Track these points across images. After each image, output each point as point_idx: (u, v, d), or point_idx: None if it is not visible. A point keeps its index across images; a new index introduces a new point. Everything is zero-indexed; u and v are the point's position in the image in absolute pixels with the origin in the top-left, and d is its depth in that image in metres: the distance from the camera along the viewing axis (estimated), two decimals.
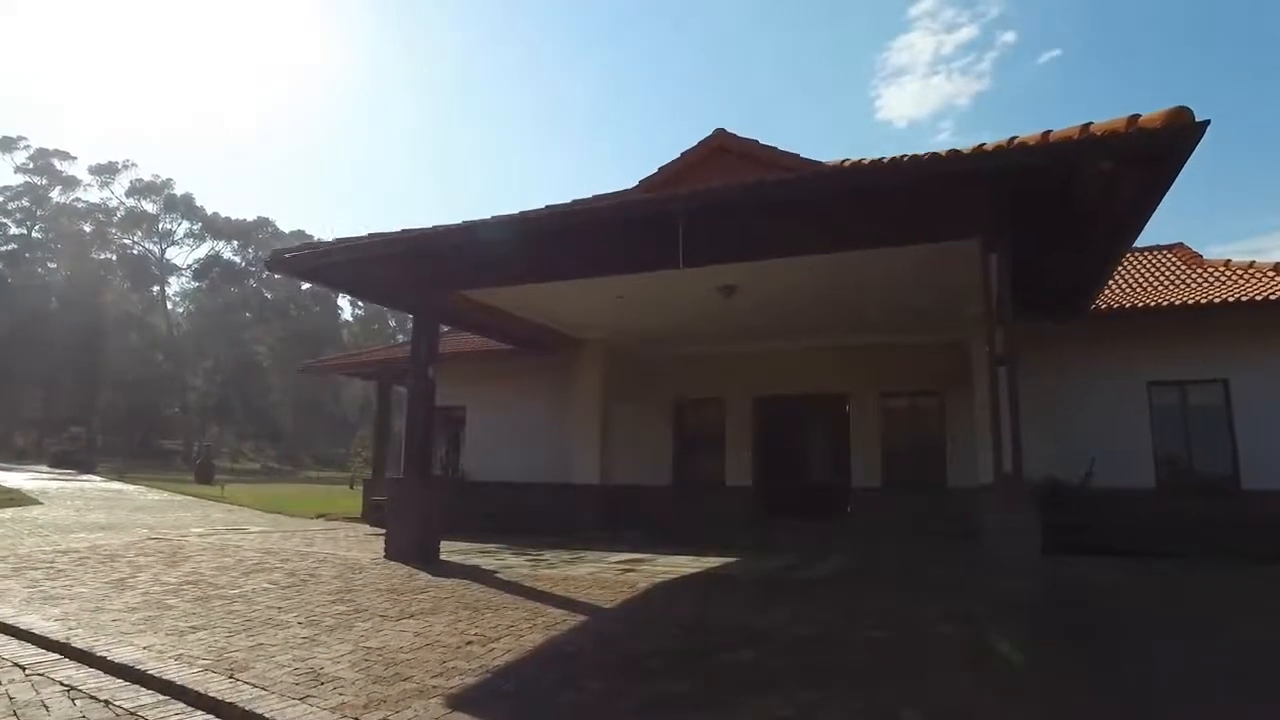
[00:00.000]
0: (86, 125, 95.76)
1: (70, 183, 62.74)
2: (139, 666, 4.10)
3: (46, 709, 3.60)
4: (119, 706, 3.65)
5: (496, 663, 4.30)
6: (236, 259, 66.91)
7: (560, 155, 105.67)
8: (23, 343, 49.98)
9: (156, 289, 65.89)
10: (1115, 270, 9.65)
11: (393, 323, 67.84)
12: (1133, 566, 8.59)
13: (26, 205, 61.09)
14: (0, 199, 60.52)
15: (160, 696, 3.78)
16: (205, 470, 30.49)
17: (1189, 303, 10.42)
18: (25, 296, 54.56)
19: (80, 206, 63.16)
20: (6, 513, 13.78)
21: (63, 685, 3.95)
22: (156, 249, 65.27)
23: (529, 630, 5.11)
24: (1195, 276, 12.22)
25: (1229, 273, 12.01)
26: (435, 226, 8.36)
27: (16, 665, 4.28)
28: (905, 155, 7.04)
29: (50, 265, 62.62)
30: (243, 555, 8.73)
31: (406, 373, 10.25)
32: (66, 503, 16.86)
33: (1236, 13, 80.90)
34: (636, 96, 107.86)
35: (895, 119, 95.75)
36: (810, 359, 13.14)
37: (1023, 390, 6.46)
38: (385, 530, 9.07)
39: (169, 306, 66.77)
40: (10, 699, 3.74)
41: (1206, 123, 4.91)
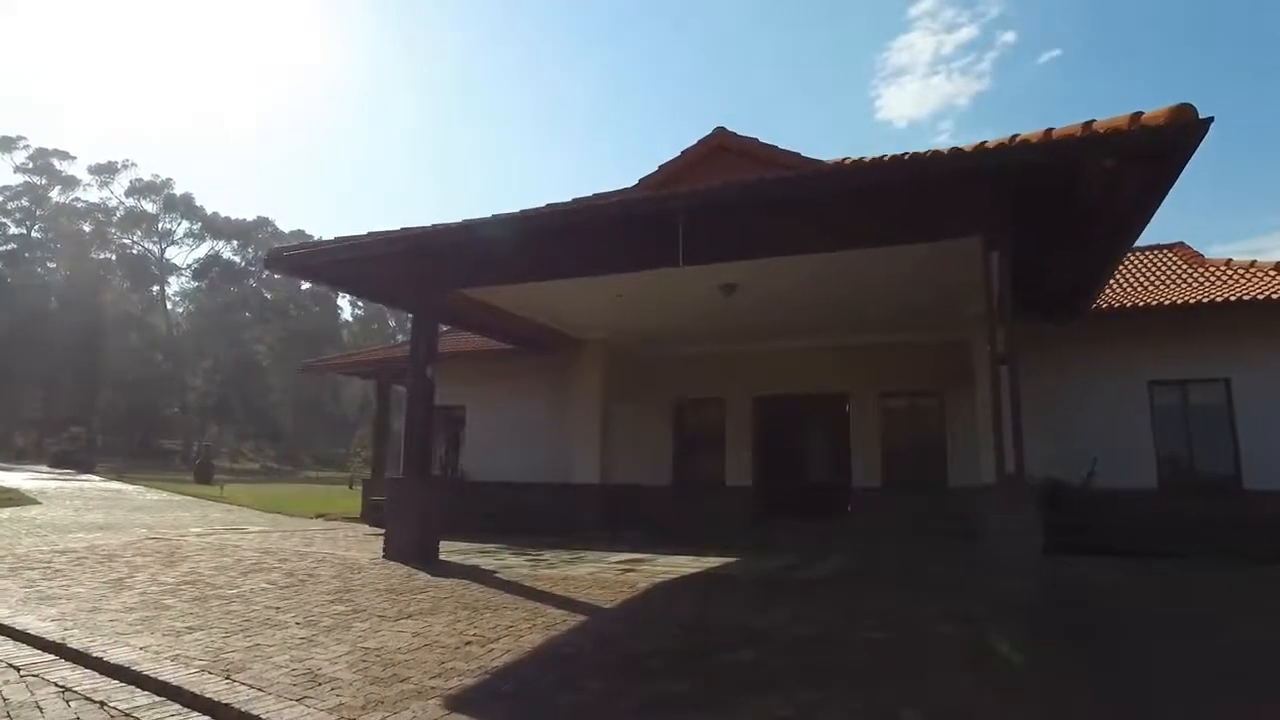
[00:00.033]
0: (86, 125, 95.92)
1: (70, 182, 62.77)
2: (135, 667, 4.07)
3: (41, 711, 3.58)
4: (114, 708, 3.62)
5: (495, 663, 4.27)
6: (236, 259, 66.95)
7: (560, 155, 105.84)
8: (22, 343, 49.96)
9: (156, 289, 65.94)
10: (1116, 270, 9.62)
11: (392, 322, 67.84)
12: (1133, 566, 8.58)
13: (26, 205, 61.07)
14: (0, 198, 60.62)
15: (156, 698, 3.76)
16: (204, 470, 30.48)
17: (1190, 302, 10.40)
18: (25, 296, 54.53)
19: (80, 206, 63.19)
20: (4, 513, 13.75)
21: (58, 686, 3.93)
22: (156, 249, 65.32)
23: (528, 630, 5.08)
24: (1196, 276, 12.21)
25: (1230, 272, 11.99)
26: (435, 225, 8.33)
27: (11, 666, 4.26)
28: (906, 153, 7.01)
29: (50, 265, 62.61)
30: (241, 555, 8.71)
31: (406, 372, 10.22)
32: (65, 502, 16.82)
33: (1236, 13, 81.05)
34: (636, 96, 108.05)
35: (895, 119, 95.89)
36: (810, 358, 13.13)
37: (1023, 390, 6.44)
38: (384, 530, 9.05)
39: (169, 306, 66.81)
40: (4, 700, 3.71)
41: (1210, 120, 4.88)
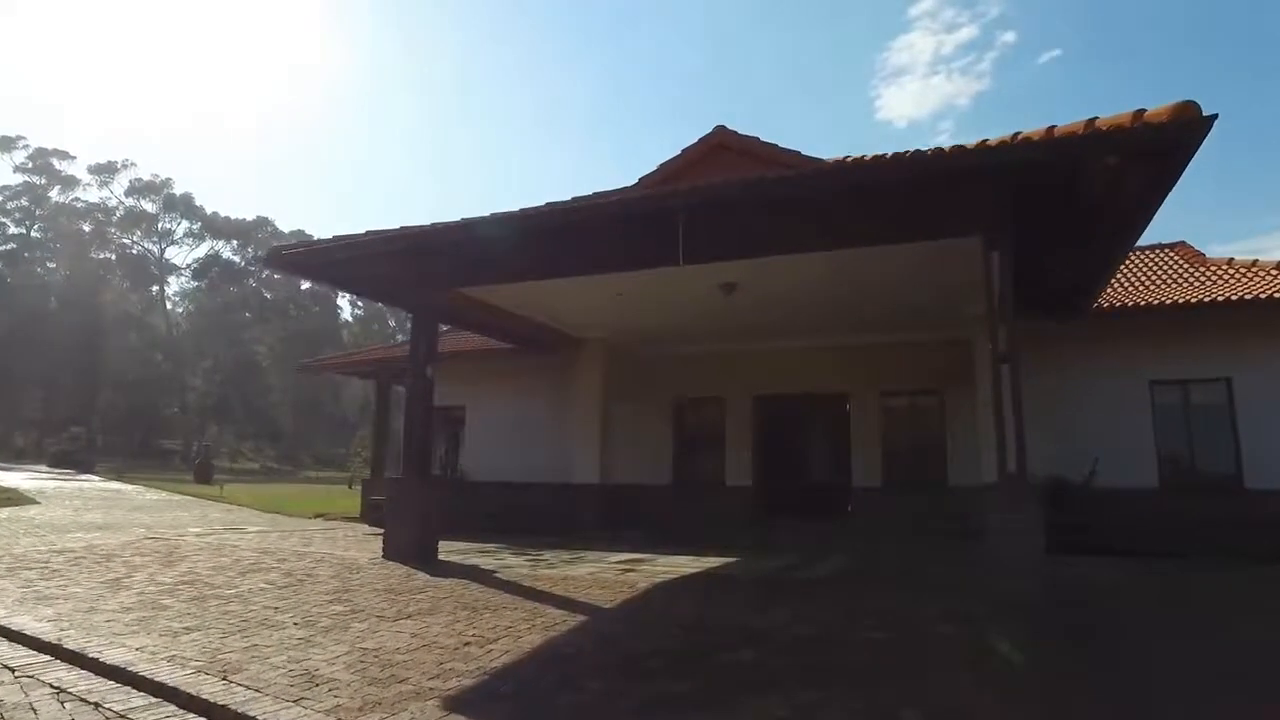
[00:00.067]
0: (86, 125, 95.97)
1: (69, 182, 62.71)
2: (131, 668, 4.04)
3: (35, 712, 3.55)
4: (109, 709, 3.59)
5: (494, 664, 4.25)
6: (236, 259, 66.84)
7: (560, 155, 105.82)
8: (22, 343, 49.94)
9: (156, 289, 65.91)
10: (1118, 269, 9.60)
11: (392, 323, 67.81)
12: (1133, 566, 8.56)
13: (25, 205, 61.00)
14: (0, 198, 60.58)
15: (152, 699, 3.73)
16: (204, 470, 30.48)
17: (1191, 301, 10.38)
18: (24, 296, 54.52)
19: (79, 206, 63.14)
20: (3, 512, 13.72)
21: (53, 688, 3.90)
22: (156, 249, 65.28)
23: (528, 631, 5.06)
24: (1197, 275, 12.18)
25: (1231, 271, 11.97)
26: (434, 224, 8.30)
27: (6, 667, 4.22)
28: (908, 151, 6.98)
29: (49, 265, 62.56)
30: (239, 555, 8.68)
31: (405, 372, 10.20)
32: (64, 502, 16.80)
33: (1236, 13, 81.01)
34: (636, 96, 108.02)
35: (895, 119, 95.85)
36: (810, 358, 13.10)
37: (1024, 389, 6.40)
38: (383, 530, 9.02)
39: (168, 306, 66.80)
40: None
41: (1214, 117, 4.84)
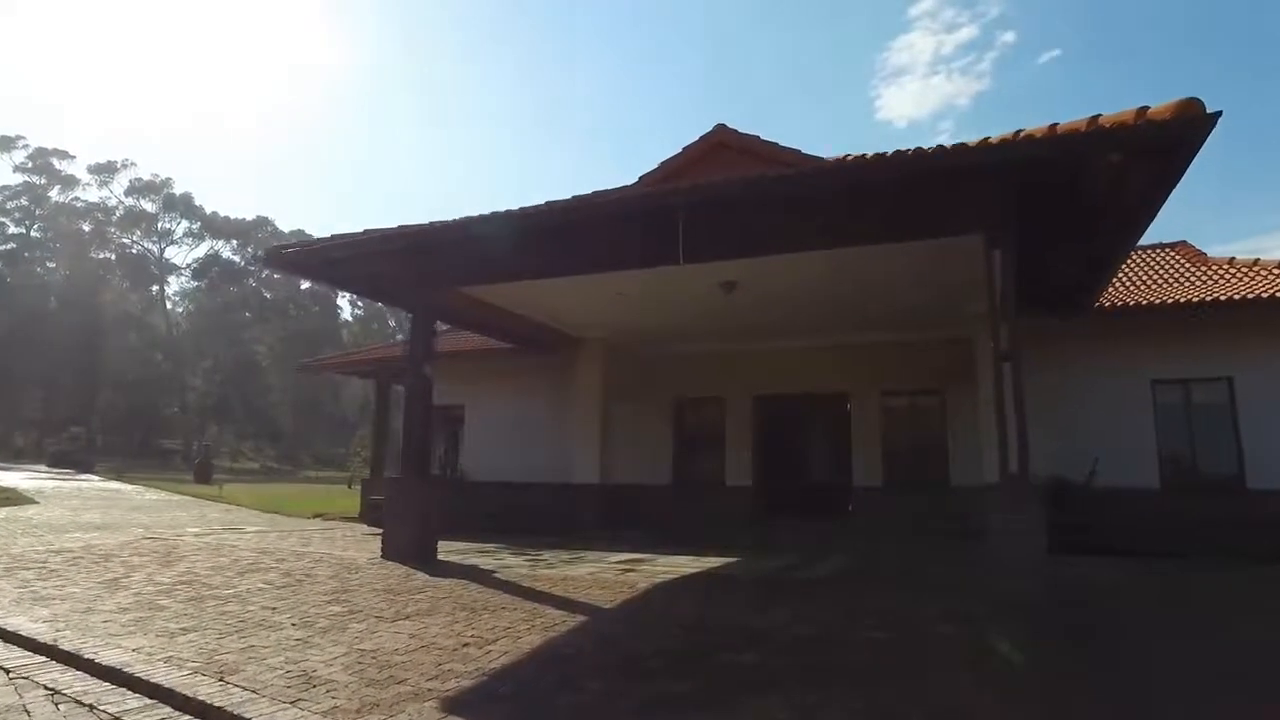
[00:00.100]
0: (86, 125, 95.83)
1: (69, 182, 62.64)
2: (127, 669, 4.01)
3: (28, 714, 3.52)
4: (104, 711, 3.56)
5: (493, 665, 4.22)
6: (236, 258, 66.77)
7: (560, 155, 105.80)
8: (22, 342, 49.91)
9: (155, 288, 65.83)
10: (1120, 267, 9.57)
11: (392, 322, 67.75)
12: (1133, 566, 8.53)
13: (25, 204, 60.92)
14: (0, 198, 60.53)
15: (147, 700, 3.70)
16: (204, 470, 30.44)
17: (1193, 300, 10.35)
18: (24, 296, 54.47)
19: (79, 206, 63.05)
20: (1, 512, 13.69)
21: (47, 689, 3.86)
22: (155, 248, 65.21)
23: (527, 631, 5.03)
24: (1199, 274, 12.15)
25: (1233, 270, 11.94)
26: (433, 222, 8.27)
27: (1, 669, 4.19)
28: (909, 149, 6.94)
29: (49, 265, 62.49)
30: (238, 555, 8.65)
31: (404, 371, 10.17)
32: (63, 502, 16.76)
33: (1236, 13, 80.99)
34: (636, 96, 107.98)
35: (895, 119, 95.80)
36: (810, 357, 13.07)
37: (1026, 388, 6.37)
38: (382, 530, 8.98)
39: (168, 306, 66.72)
40: None
41: (1218, 114, 4.81)
